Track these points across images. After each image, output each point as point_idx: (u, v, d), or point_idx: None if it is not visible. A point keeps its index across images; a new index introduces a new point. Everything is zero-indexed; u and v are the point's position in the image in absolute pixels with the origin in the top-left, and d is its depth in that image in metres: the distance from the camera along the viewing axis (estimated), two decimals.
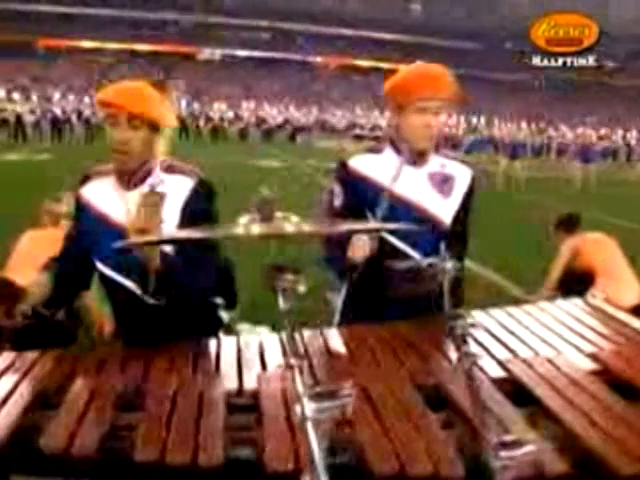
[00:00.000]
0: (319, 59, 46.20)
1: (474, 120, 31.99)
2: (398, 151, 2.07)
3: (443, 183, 2.08)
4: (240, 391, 1.50)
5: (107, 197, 1.91)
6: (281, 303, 0.94)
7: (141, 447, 1.23)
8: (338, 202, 2.08)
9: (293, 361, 0.91)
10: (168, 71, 40.18)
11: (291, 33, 44.64)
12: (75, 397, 1.45)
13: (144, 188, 1.85)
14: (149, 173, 1.89)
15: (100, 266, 1.91)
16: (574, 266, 3.98)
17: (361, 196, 2.05)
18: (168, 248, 1.78)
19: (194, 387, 1.48)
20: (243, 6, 42.26)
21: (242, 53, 44.72)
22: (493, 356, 1.74)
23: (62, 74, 33.33)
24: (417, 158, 2.05)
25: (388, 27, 42.64)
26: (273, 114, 30.66)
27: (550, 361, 1.68)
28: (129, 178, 1.88)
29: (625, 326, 2.02)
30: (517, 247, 7.35)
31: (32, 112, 23.52)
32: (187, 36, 42.25)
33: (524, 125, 27.70)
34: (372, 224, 1.88)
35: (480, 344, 1.83)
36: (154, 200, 1.67)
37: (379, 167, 2.06)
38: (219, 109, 29.03)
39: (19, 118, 22.54)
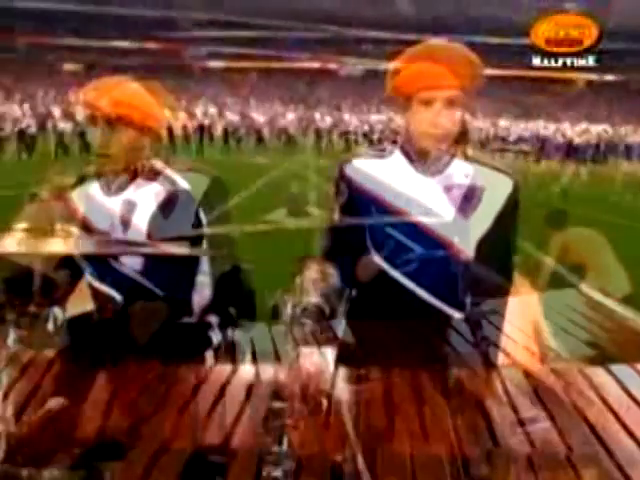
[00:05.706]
0: None
1: None
2: (408, 155, 1.63)
3: (465, 197, 1.57)
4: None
5: (92, 201, 1.84)
6: (10, 340, 0.72)
7: None
8: (336, 215, 1.69)
9: None
10: (311, 86, 41.45)
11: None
12: None
13: (125, 195, 1.78)
14: (133, 179, 1.79)
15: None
16: None
17: (357, 211, 1.63)
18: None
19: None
20: (386, 19, 42.52)
21: (383, 67, 45.00)
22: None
23: (214, 90, 35.89)
24: (430, 163, 1.59)
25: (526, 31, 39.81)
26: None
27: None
28: (112, 183, 1.81)
29: None
30: None
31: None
32: (329, 51, 43.35)
33: None
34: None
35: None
36: None
37: (381, 175, 1.63)
38: (350, 121, 29.11)
39: None
